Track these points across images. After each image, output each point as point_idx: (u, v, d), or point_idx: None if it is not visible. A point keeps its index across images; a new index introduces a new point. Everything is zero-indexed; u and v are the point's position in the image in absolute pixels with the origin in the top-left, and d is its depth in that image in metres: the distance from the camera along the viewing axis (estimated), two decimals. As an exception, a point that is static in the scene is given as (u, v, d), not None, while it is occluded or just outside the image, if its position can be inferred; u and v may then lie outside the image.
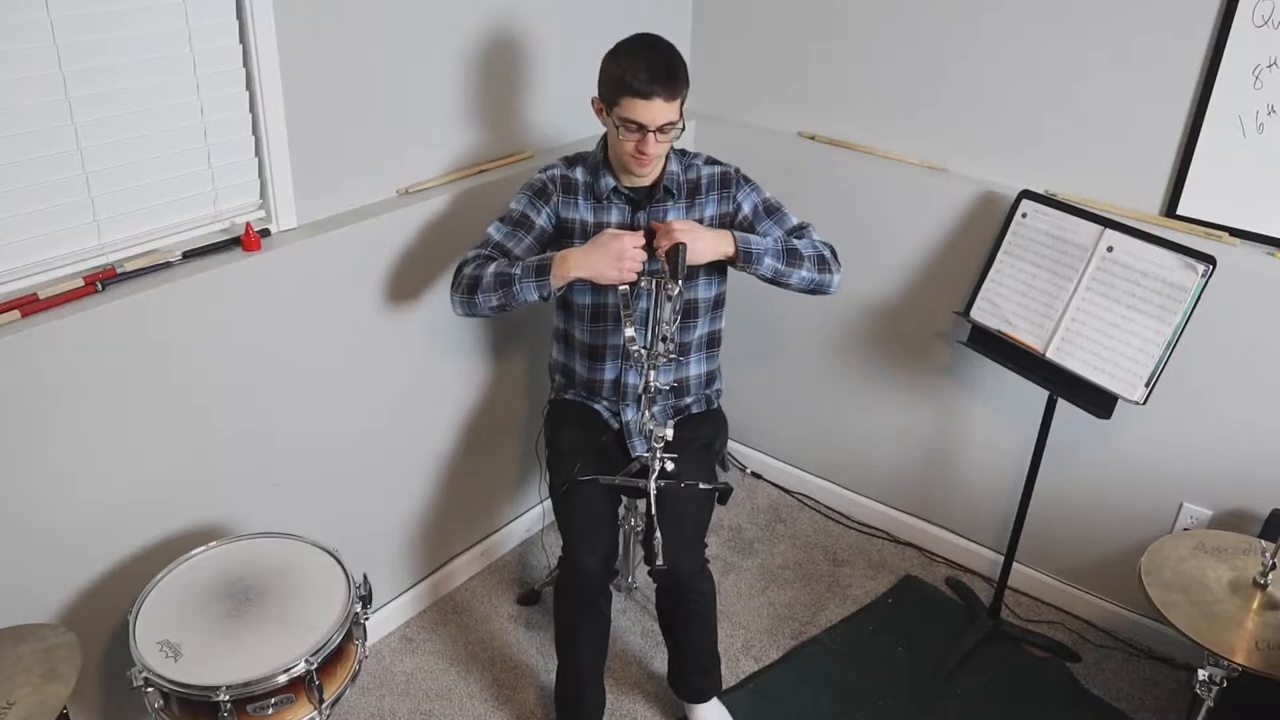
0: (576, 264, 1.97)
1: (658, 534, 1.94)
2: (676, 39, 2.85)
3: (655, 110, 1.95)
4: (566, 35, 2.50)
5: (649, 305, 2.05)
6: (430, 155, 2.31)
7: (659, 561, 1.92)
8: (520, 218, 2.14)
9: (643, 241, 2.00)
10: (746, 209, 2.19)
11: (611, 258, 1.96)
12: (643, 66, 1.94)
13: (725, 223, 2.19)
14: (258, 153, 1.98)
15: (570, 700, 2.26)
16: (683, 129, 2.04)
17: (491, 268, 2.02)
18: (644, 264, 2.00)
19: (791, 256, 2.10)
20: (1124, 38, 2.23)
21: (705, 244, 2.03)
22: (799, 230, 2.21)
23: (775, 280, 2.11)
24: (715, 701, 2.33)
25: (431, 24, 2.19)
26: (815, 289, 2.15)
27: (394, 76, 2.15)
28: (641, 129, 1.97)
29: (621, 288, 1.96)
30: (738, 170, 2.21)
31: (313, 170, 2.06)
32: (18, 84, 1.62)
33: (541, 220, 2.13)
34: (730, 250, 2.05)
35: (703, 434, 2.27)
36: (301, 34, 1.94)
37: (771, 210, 2.21)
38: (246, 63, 1.90)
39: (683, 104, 2.02)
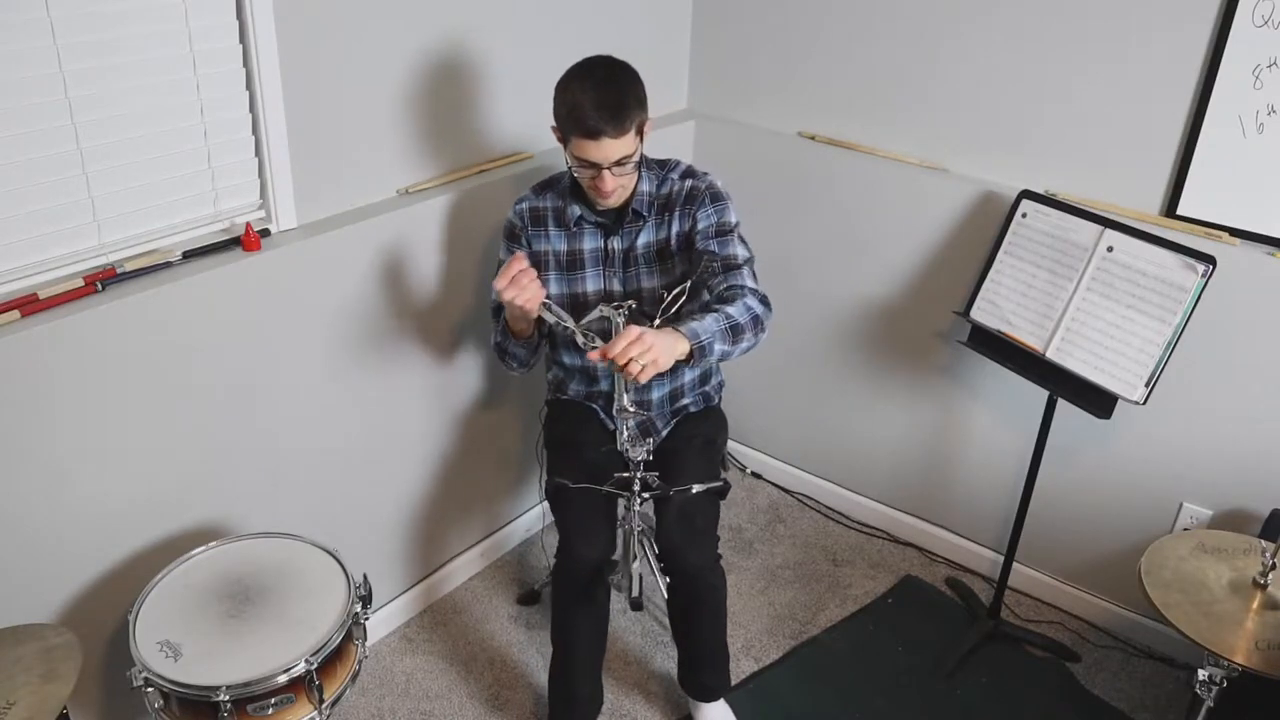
0: (510, 318, 2.08)
1: (635, 564, 1.99)
2: (676, 39, 2.86)
3: (605, 148, 1.90)
4: (567, 35, 2.49)
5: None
6: (430, 155, 2.31)
7: (634, 593, 2.01)
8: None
9: (520, 266, 1.89)
10: (701, 225, 2.09)
11: (507, 301, 1.93)
12: (588, 102, 1.87)
13: (681, 239, 2.11)
14: (258, 153, 1.98)
15: (564, 694, 2.25)
16: (639, 159, 1.99)
17: (493, 340, 2.23)
18: (533, 280, 1.91)
19: (735, 333, 1.93)
20: (1124, 37, 2.23)
21: (662, 356, 1.79)
22: (736, 268, 2.05)
23: (722, 360, 1.97)
24: (723, 703, 2.33)
25: (432, 23, 2.19)
26: (749, 351, 1.99)
27: (394, 76, 2.15)
28: (595, 166, 1.93)
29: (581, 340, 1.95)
30: (710, 186, 2.11)
31: (313, 170, 2.06)
32: (18, 84, 1.62)
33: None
34: (685, 350, 1.84)
35: (702, 431, 2.28)
36: (301, 34, 1.94)
37: (722, 233, 2.08)
38: (246, 63, 1.90)
39: (639, 130, 1.95)
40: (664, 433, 2.28)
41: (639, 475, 1.98)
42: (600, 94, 1.88)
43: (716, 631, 2.25)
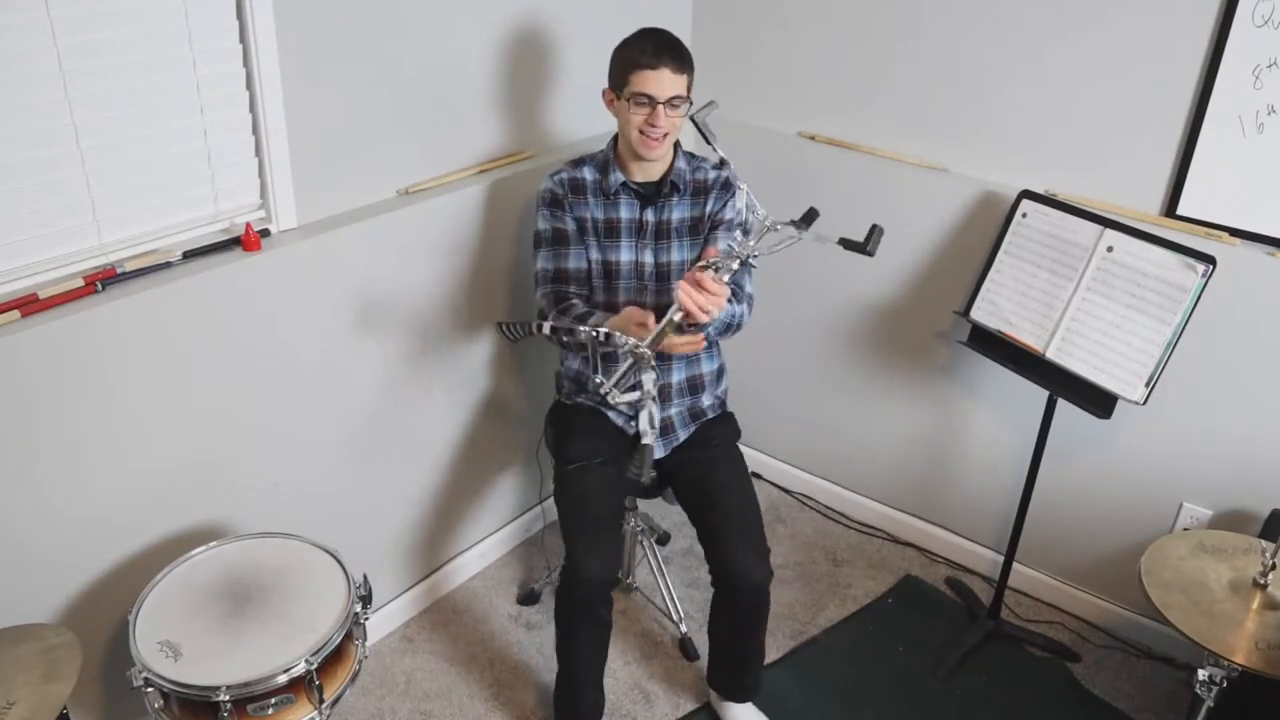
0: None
1: (647, 437, 1.69)
2: (676, 39, 2.83)
3: (664, 81, 2.02)
4: (565, 37, 2.50)
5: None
6: (430, 155, 2.31)
7: (643, 475, 1.69)
8: (555, 234, 2.18)
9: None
10: (728, 214, 2.22)
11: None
12: (650, 43, 2.04)
13: (713, 222, 2.22)
14: (258, 153, 1.98)
15: (569, 705, 2.26)
16: (690, 104, 2.09)
17: (559, 337, 2.03)
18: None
19: (727, 330, 2.14)
20: (1124, 37, 2.23)
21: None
22: (748, 269, 2.22)
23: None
24: (752, 705, 2.34)
25: (431, 25, 2.19)
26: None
27: (394, 77, 2.15)
28: (651, 101, 2.03)
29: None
30: (735, 181, 2.22)
31: (313, 170, 2.06)
32: (18, 84, 1.62)
33: (571, 225, 2.18)
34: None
35: (727, 441, 2.30)
36: (301, 33, 1.94)
37: (744, 232, 2.22)
38: (246, 63, 1.90)
39: (689, 86, 2.08)
40: (683, 438, 2.28)
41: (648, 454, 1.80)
42: (662, 39, 2.06)
43: (761, 636, 2.27)
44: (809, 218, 1.87)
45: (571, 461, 2.22)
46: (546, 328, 1.85)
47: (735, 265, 1.79)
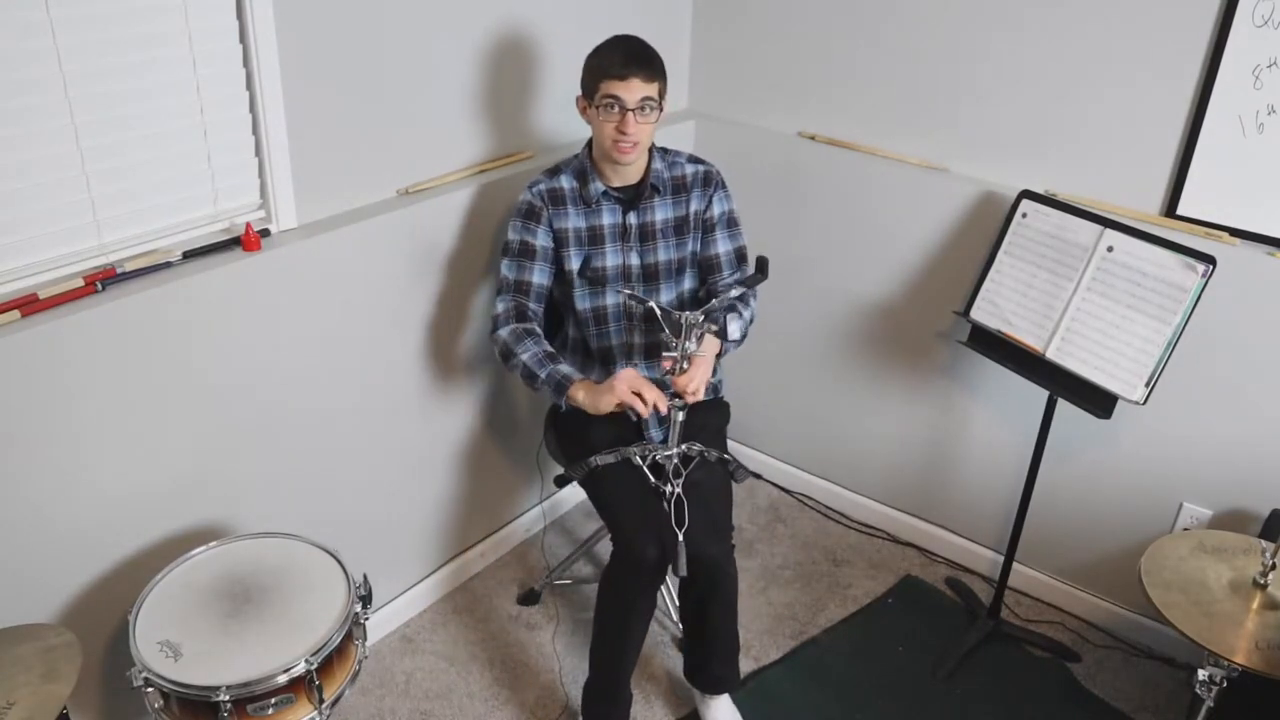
0: (580, 401, 2.05)
1: (680, 540, 1.98)
2: (676, 40, 2.87)
3: (633, 88, 2.04)
4: (566, 36, 2.50)
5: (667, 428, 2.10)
6: (430, 155, 2.31)
7: (681, 572, 1.99)
8: (521, 246, 2.21)
9: (650, 395, 1.99)
10: (716, 211, 2.28)
11: (611, 393, 1.99)
12: (619, 53, 2.07)
13: (699, 219, 2.26)
14: (258, 153, 1.98)
15: (608, 701, 2.24)
16: (661, 112, 2.12)
17: (525, 355, 2.12)
18: (641, 405, 1.99)
19: (743, 339, 2.25)
20: (1124, 38, 2.23)
21: (709, 369, 2.07)
22: (745, 259, 2.32)
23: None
24: (728, 699, 2.32)
25: (431, 25, 2.19)
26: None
27: (394, 77, 2.15)
28: (621, 107, 2.05)
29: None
30: (718, 172, 2.31)
31: (313, 170, 2.06)
32: (18, 84, 1.62)
33: (541, 240, 2.20)
34: (717, 350, 2.14)
35: (711, 422, 2.30)
36: (301, 34, 1.94)
37: (732, 224, 2.32)
38: (246, 63, 1.90)
39: (661, 94, 2.11)
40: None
41: (676, 465, 2.04)
42: (632, 47, 2.09)
43: (728, 622, 2.25)
44: (762, 267, 2.06)
45: (590, 449, 2.14)
46: (596, 461, 2.06)
47: (686, 365, 1.98)
